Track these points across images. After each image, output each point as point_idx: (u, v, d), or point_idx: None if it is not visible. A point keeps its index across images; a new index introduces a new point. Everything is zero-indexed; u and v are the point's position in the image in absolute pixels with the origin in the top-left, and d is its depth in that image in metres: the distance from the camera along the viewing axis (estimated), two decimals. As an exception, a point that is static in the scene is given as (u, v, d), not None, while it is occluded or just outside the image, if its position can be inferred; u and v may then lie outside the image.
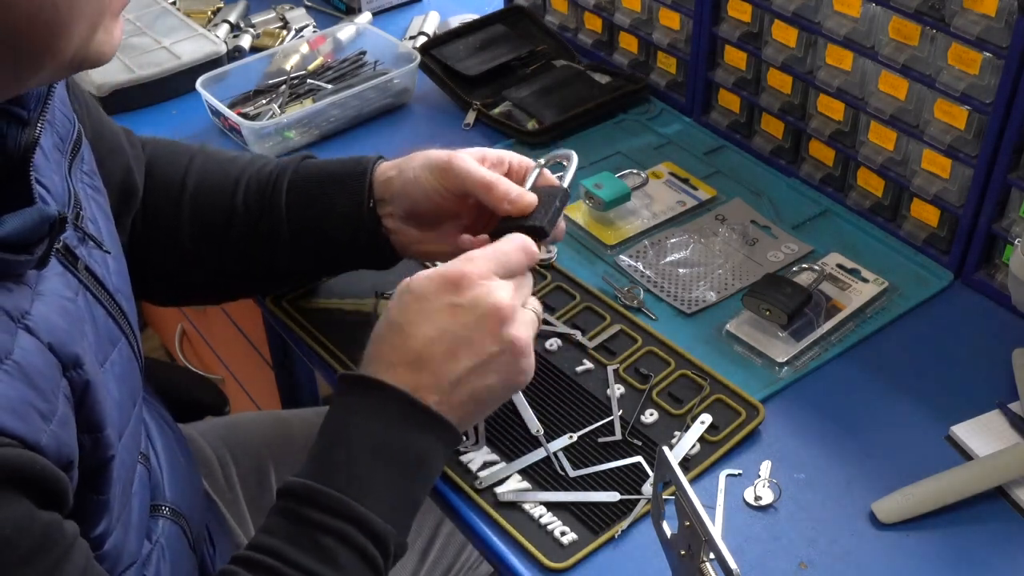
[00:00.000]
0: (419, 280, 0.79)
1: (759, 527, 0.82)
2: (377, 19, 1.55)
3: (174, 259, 0.96)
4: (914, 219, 1.08)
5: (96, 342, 0.70)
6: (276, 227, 0.93)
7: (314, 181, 0.94)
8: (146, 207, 0.96)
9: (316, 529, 0.71)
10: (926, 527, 0.82)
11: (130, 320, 0.78)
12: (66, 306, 0.65)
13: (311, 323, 1.00)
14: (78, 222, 0.73)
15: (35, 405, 0.59)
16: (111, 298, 0.74)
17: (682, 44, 1.27)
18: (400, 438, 0.75)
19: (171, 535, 0.84)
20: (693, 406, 0.91)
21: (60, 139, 0.75)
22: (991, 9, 0.92)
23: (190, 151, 0.99)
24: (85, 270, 0.71)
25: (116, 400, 0.71)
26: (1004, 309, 1.00)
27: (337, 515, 0.72)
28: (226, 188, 0.95)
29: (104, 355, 0.71)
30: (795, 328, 0.97)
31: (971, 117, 0.98)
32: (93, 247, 0.75)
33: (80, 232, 0.73)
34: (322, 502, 0.72)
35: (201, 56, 1.38)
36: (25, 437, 0.57)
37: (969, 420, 0.89)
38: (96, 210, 0.79)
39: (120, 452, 0.70)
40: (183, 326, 1.84)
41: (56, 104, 0.76)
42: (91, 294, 0.71)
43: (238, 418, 1.19)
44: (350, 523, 0.72)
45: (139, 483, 0.79)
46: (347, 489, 0.72)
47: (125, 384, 0.73)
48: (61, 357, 0.62)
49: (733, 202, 1.15)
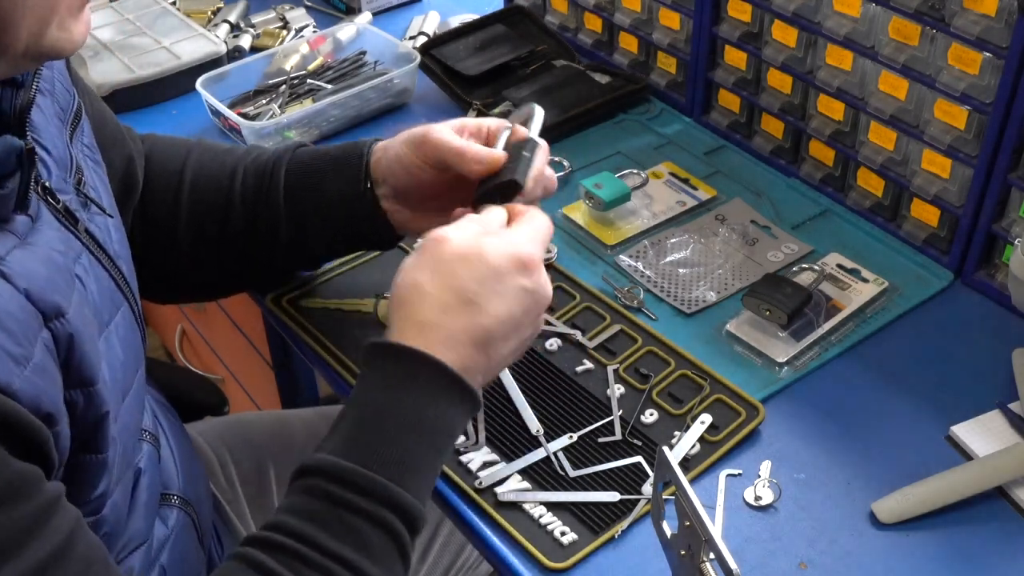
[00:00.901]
0: (495, 252, 0.74)
1: (759, 527, 0.82)
2: (377, 19, 1.55)
3: (173, 253, 0.96)
4: (914, 219, 1.08)
5: (100, 303, 0.70)
6: (274, 214, 0.94)
7: (311, 167, 0.94)
8: (144, 201, 0.96)
9: (347, 509, 0.66)
10: (926, 527, 0.82)
11: (131, 286, 0.78)
12: (53, 257, 0.65)
13: (311, 323, 1.00)
14: (79, 186, 0.73)
15: (5, 347, 0.58)
16: (112, 262, 0.75)
17: (682, 44, 1.27)
18: (440, 415, 0.71)
19: (182, 525, 0.84)
20: (693, 406, 0.91)
21: (61, 109, 0.77)
22: (991, 9, 0.92)
23: (187, 144, 1.00)
24: (86, 232, 0.71)
25: (121, 360, 0.71)
26: (1004, 309, 1.00)
27: (373, 497, 0.67)
28: (223, 179, 0.95)
29: (109, 316, 0.71)
30: (795, 328, 0.97)
31: (971, 117, 0.98)
32: (95, 212, 0.75)
33: (82, 196, 0.73)
34: (358, 483, 0.67)
35: (201, 56, 1.38)
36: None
37: (969, 420, 0.89)
38: (97, 180, 0.80)
39: (122, 414, 0.70)
40: (183, 326, 1.84)
41: (56, 76, 0.78)
42: (93, 256, 0.72)
43: (238, 418, 1.19)
44: (386, 507, 0.67)
45: (147, 460, 0.79)
46: (383, 470, 0.67)
47: (128, 347, 0.73)
48: (39, 305, 0.61)
49: (733, 202, 1.15)
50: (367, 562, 0.66)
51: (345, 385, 0.95)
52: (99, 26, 1.46)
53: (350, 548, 0.65)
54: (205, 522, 0.90)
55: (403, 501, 0.68)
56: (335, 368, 0.96)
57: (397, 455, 0.68)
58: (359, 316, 1.01)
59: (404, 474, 0.68)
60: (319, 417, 1.19)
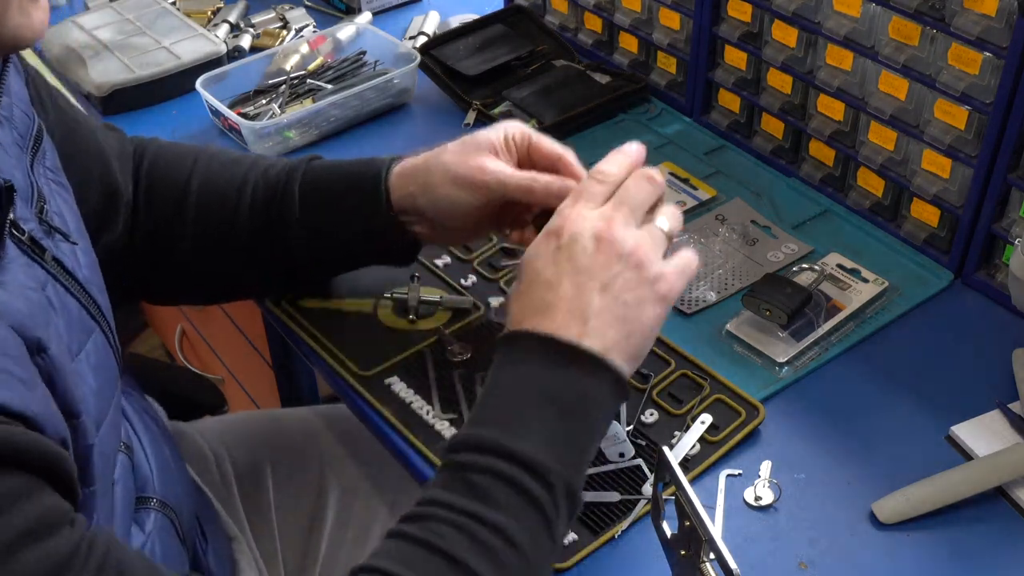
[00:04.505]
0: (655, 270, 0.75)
1: (759, 527, 0.82)
2: (377, 19, 1.55)
3: (176, 263, 0.96)
4: (914, 219, 1.08)
5: (68, 332, 0.69)
6: (287, 237, 0.93)
7: (327, 193, 0.92)
8: (149, 211, 0.96)
9: (468, 470, 0.69)
10: (926, 527, 0.82)
11: (103, 311, 0.77)
12: (28, 295, 0.65)
13: (311, 323, 1.00)
14: (42, 215, 0.72)
15: (13, 372, 0.58)
16: (82, 288, 0.74)
17: (682, 44, 1.27)
18: (552, 377, 0.72)
19: (160, 527, 0.84)
20: (693, 406, 0.91)
21: (20, 136, 0.75)
22: (991, 9, 0.92)
23: (193, 153, 0.99)
24: (53, 260, 0.71)
25: (93, 389, 0.70)
26: (1004, 309, 1.00)
27: (485, 451, 0.69)
28: (230, 194, 0.94)
29: (79, 345, 0.71)
30: (795, 328, 0.97)
31: (971, 117, 0.98)
32: (60, 239, 0.74)
33: (45, 225, 0.72)
34: (471, 443, 0.70)
35: (201, 56, 1.38)
36: (8, 404, 0.56)
37: (969, 420, 0.89)
38: (62, 204, 0.78)
39: (99, 443, 0.69)
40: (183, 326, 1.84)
41: (14, 101, 0.76)
42: (61, 285, 0.71)
43: (236, 417, 1.19)
44: (499, 457, 0.68)
45: (121, 471, 0.79)
46: (492, 426, 0.70)
47: (101, 374, 0.73)
48: (25, 340, 0.61)
49: (733, 202, 1.15)
50: (492, 511, 0.67)
51: (345, 385, 0.95)
52: (99, 26, 1.46)
53: (477, 503, 0.68)
54: (187, 520, 0.90)
55: (516, 450, 0.69)
56: (335, 368, 0.96)
57: (503, 412, 0.71)
58: (359, 316, 1.01)
59: (516, 429, 0.70)
60: (316, 416, 1.19)
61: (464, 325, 0.99)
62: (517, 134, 0.88)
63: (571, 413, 0.71)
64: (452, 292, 1.03)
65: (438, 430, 0.90)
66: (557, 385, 0.71)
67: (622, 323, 0.73)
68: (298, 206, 0.93)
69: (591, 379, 0.72)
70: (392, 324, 1.00)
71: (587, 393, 0.72)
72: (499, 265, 1.07)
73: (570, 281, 0.73)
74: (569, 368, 0.72)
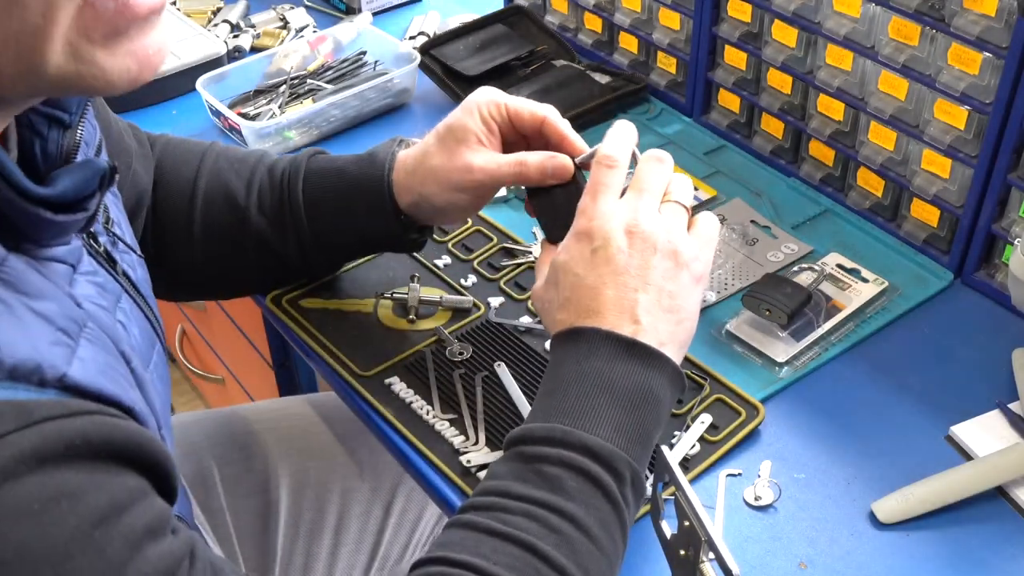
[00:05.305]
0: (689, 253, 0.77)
1: (759, 527, 0.82)
2: (377, 19, 1.55)
3: (185, 259, 0.96)
4: (914, 219, 1.08)
5: (142, 346, 0.69)
6: (296, 234, 0.94)
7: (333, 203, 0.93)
8: (157, 208, 0.96)
9: (539, 461, 0.70)
10: (926, 527, 0.82)
11: (160, 322, 0.78)
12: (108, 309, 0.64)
13: (311, 323, 1.00)
14: (108, 225, 0.72)
15: (119, 370, 0.58)
16: (146, 302, 0.74)
17: (682, 44, 1.27)
18: (619, 371, 0.73)
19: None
20: (693, 406, 0.91)
21: (86, 144, 0.72)
22: (991, 9, 0.92)
23: (201, 149, 0.98)
24: (123, 275, 0.71)
25: (163, 400, 0.71)
26: (1004, 309, 1.00)
27: (554, 443, 0.70)
28: (237, 194, 0.94)
29: (148, 358, 0.71)
30: (795, 328, 0.97)
31: (971, 117, 0.98)
32: (124, 250, 0.74)
33: (112, 236, 0.72)
34: (538, 436, 0.71)
35: (201, 56, 1.38)
36: (119, 398, 0.56)
37: (969, 420, 0.89)
38: (119, 214, 0.78)
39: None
40: (183, 326, 1.84)
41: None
42: (130, 297, 0.71)
43: (176, 419, 1.17)
44: (568, 448, 0.70)
45: None
46: (560, 418, 0.71)
47: (164, 386, 0.74)
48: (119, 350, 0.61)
49: (733, 202, 1.15)
50: (565, 500, 0.68)
51: (344, 385, 0.95)
52: (99, 26, 1.46)
53: (549, 492, 0.68)
54: None
55: (584, 441, 0.70)
56: (335, 368, 0.96)
57: (569, 405, 0.72)
58: (359, 316, 1.01)
59: (587, 421, 0.71)
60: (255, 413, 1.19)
61: (464, 325, 0.99)
62: (493, 110, 0.88)
63: (637, 406, 0.73)
64: (452, 292, 1.03)
65: (438, 430, 0.90)
66: (623, 378, 0.73)
67: (669, 313, 0.75)
68: (305, 216, 0.93)
69: (652, 371, 0.74)
70: (392, 324, 1.00)
71: (650, 385, 0.73)
72: (499, 265, 1.07)
73: (613, 284, 0.75)
74: (631, 362, 0.73)
